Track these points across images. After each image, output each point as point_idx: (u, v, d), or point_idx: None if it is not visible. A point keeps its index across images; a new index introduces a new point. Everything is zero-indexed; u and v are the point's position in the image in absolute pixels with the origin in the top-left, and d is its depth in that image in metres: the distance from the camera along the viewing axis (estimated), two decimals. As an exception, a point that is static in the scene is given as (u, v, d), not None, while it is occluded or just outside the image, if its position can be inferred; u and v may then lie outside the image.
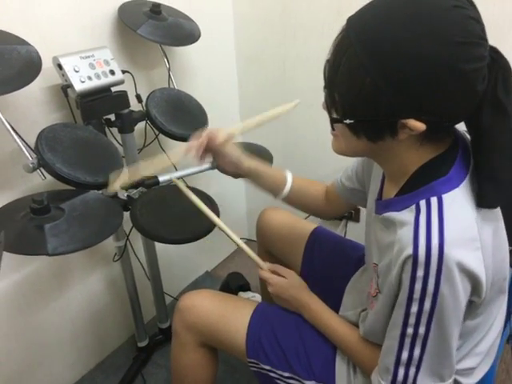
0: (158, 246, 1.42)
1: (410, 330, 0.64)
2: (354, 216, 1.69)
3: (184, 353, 0.99)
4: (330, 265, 1.11)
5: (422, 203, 0.64)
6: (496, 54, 0.59)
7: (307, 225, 1.22)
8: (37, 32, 1.06)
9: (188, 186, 1.06)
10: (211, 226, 1.08)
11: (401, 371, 0.67)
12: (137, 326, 1.46)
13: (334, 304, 1.03)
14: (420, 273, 0.60)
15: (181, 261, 1.77)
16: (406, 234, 0.63)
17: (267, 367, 0.90)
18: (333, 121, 0.68)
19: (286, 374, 0.89)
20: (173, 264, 1.72)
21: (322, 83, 1.66)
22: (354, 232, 1.72)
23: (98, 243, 0.83)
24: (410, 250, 0.61)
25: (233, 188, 1.94)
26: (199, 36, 1.30)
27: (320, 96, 1.65)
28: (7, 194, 1.09)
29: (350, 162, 1.07)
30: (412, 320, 0.63)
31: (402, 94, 0.58)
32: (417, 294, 0.61)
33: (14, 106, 1.07)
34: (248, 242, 2.07)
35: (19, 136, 0.96)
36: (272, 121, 1.08)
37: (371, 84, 0.58)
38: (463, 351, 0.75)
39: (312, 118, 1.62)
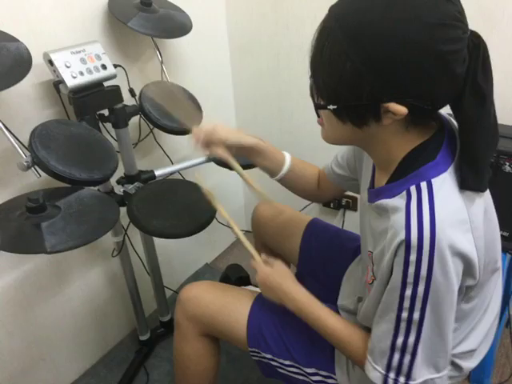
0: (157, 240, 1.42)
1: (404, 315, 0.65)
2: (351, 205, 1.70)
3: (186, 343, 1.00)
4: (327, 256, 1.11)
5: (413, 188, 0.64)
6: (477, 39, 0.59)
7: (303, 217, 1.22)
8: (26, 28, 1.05)
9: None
10: (208, 220, 1.08)
11: (396, 356, 0.68)
12: (138, 320, 1.46)
13: (332, 294, 1.04)
14: (413, 257, 0.61)
15: (180, 254, 1.77)
16: (399, 219, 0.63)
17: (268, 356, 0.91)
18: (317, 107, 0.68)
19: (287, 363, 0.90)
20: (172, 257, 1.72)
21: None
22: (352, 221, 1.72)
23: (96, 240, 0.83)
24: (402, 235, 0.62)
25: (230, 180, 1.94)
26: (191, 27, 1.28)
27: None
28: (2, 192, 1.09)
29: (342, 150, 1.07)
30: (406, 304, 0.64)
31: (382, 77, 0.58)
32: (410, 278, 0.62)
33: (6, 103, 1.06)
34: (246, 233, 2.08)
35: (12, 134, 0.95)
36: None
37: (352, 69, 0.59)
38: (461, 334, 0.76)
39: (306, 107, 1.60)
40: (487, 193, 0.72)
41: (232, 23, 1.65)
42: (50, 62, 1.04)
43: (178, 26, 1.27)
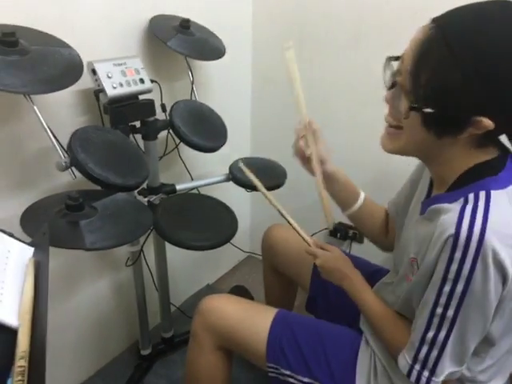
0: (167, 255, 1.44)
1: (439, 310, 0.68)
2: (358, 237, 1.73)
3: (201, 354, 1.00)
4: None
5: (471, 196, 0.68)
6: None
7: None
8: (72, 37, 1.09)
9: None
10: (231, 234, 1.11)
11: (424, 349, 0.71)
12: (142, 334, 1.45)
13: (346, 317, 1.05)
14: (458, 254, 0.64)
15: (183, 272, 1.77)
16: (450, 218, 0.66)
17: (287, 372, 0.92)
18: (412, 108, 0.69)
19: (306, 380, 0.90)
20: (175, 275, 1.72)
21: (335, 105, 1.70)
22: (358, 253, 1.75)
23: (132, 241, 0.85)
24: (451, 230, 0.64)
25: (238, 202, 1.96)
26: (224, 52, 1.35)
27: (331, 118, 1.71)
28: (31, 192, 1.10)
29: (360, 181, 1.10)
30: (443, 300, 0.67)
31: (489, 93, 0.62)
32: (451, 275, 0.65)
33: (44, 107, 1.09)
34: (250, 256, 2.10)
35: (54, 136, 0.98)
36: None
37: (461, 81, 0.62)
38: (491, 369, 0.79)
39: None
40: None
41: (257, 53, 1.72)
42: (93, 71, 1.08)
43: (213, 49, 1.33)
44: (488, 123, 0.64)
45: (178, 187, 1.33)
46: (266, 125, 1.85)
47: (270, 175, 1.39)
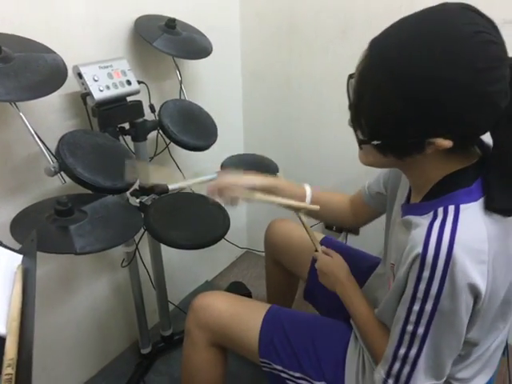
0: (163, 254, 1.45)
1: (410, 328, 0.68)
2: (353, 229, 1.74)
3: (195, 352, 1.01)
4: None
5: (440, 210, 0.67)
6: None
7: (315, 234, 1.25)
8: (58, 42, 1.09)
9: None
10: (223, 233, 1.11)
11: (396, 365, 0.71)
12: (141, 333, 1.47)
13: (342, 310, 1.06)
14: (426, 274, 0.63)
15: (181, 270, 1.79)
16: (419, 234, 0.66)
17: (279, 367, 0.93)
18: (361, 142, 0.69)
19: (297, 375, 0.92)
20: (173, 273, 1.74)
21: (325, 99, 1.70)
22: (354, 244, 1.75)
23: (123, 243, 0.86)
24: (419, 249, 0.64)
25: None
26: (211, 50, 1.35)
27: (323, 112, 1.70)
28: (22, 198, 1.11)
29: (352, 175, 1.10)
30: (413, 318, 0.67)
31: (429, 117, 0.60)
32: (420, 294, 0.65)
33: (32, 112, 1.09)
34: (248, 252, 2.11)
35: (42, 141, 0.98)
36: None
37: (397, 109, 0.61)
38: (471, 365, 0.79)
39: (314, 134, 1.68)
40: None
41: (246, 49, 1.72)
42: (79, 75, 1.08)
43: (200, 48, 1.33)
44: (444, 143, 0.62)
45: (170, 187, 1.33)
46: (258, 121, 1.85)
47: (263, 171, 1.39)
